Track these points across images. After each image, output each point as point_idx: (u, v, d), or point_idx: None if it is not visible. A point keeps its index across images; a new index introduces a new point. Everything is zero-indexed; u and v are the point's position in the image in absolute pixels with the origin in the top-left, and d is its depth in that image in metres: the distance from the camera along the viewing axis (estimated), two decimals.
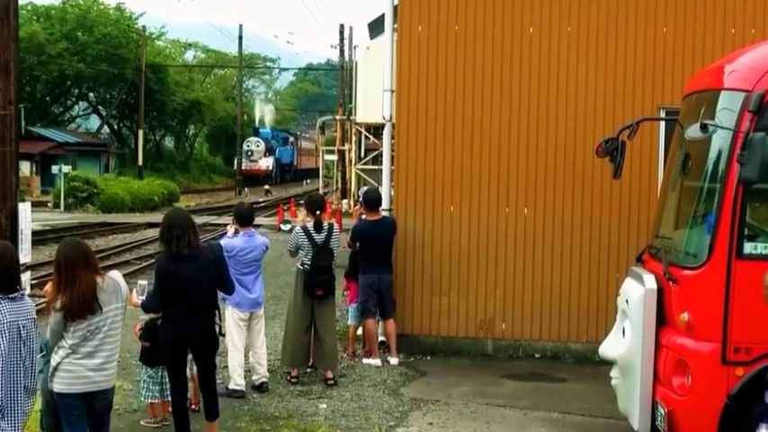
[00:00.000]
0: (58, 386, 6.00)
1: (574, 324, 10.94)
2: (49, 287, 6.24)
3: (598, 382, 8.90)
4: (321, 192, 33.07)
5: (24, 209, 7.45)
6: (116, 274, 6.34)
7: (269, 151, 65.72)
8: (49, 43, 50.31)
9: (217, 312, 7.72)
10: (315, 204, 9.96)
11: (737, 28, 10.55)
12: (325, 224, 9.83)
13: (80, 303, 5.89)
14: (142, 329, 8.06)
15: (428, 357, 11.01)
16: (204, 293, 7.45)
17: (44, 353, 6.16)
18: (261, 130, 67.93)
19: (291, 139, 74.65)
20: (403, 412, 8.76)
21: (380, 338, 10.97)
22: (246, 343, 9.41)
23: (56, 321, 5.96)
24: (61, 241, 6.38)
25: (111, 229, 29.45)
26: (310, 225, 9.76)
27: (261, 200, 45.21)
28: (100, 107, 61.07)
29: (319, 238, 9.71)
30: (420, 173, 11.12)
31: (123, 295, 6.24)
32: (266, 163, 64.53)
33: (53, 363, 6.01)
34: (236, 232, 9.26)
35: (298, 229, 9.90)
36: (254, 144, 64.29)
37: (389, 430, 8.24)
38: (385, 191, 11.78)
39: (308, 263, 9.68)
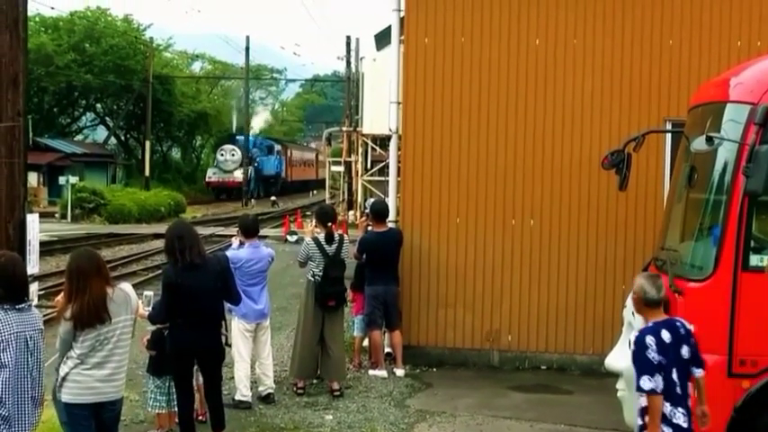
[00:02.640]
0: (67, 396, 6.00)
1: (580, 336, 10.93)
2: (60, 297, 6.26)
3: (604, 394, 8.86)
4: (328, 203, 33.06)
5: (32, 220, 7.47)
6: (127, 286, 6.35)
7: (248, 161, 57.78)
8: (56, 54, 50.48)
9: (223, 323, 7.75)
10: (326, 216, 9.99)
11: (743, 41, 10.55)
12: (336, 235, 9.86)
13: (90, 312, 5.91)
14: (149, 339, 8.08)
15: (434, 369, 11.00)
16: (211, 304, 7.48)
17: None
18: (238, 138, 59.09)
19: (278, 148, 65.50)
20: (409, 424, 8.76)
21: (387, 350, 10.97)
22: (253, 354, 9.43)
23: (65, 330, 5.98)
24: (74, 251, 6.40)
25: (117, 240, 29.49)
26: (321, 236, 9.78)
27: (267, 211, 45.25)
28: (107, 118, 61.19)
29: (330, 249, 9.72)
30: (426, 184, 11.14)
31: (133, 307, 6.26)
32: (241, 174, 56.15)
33: (61, 373, 6.02)
34: (242, 244, 9.29)
35: (309, 240, 9.90)
36: (228, 153, 56.80)
37: None
38: (391, 202, 11.81)
39: (320, 274, 9.69)
